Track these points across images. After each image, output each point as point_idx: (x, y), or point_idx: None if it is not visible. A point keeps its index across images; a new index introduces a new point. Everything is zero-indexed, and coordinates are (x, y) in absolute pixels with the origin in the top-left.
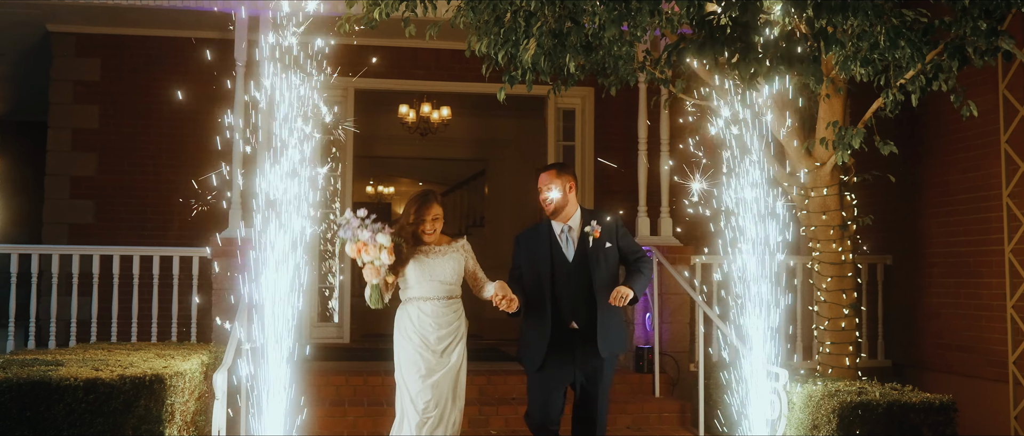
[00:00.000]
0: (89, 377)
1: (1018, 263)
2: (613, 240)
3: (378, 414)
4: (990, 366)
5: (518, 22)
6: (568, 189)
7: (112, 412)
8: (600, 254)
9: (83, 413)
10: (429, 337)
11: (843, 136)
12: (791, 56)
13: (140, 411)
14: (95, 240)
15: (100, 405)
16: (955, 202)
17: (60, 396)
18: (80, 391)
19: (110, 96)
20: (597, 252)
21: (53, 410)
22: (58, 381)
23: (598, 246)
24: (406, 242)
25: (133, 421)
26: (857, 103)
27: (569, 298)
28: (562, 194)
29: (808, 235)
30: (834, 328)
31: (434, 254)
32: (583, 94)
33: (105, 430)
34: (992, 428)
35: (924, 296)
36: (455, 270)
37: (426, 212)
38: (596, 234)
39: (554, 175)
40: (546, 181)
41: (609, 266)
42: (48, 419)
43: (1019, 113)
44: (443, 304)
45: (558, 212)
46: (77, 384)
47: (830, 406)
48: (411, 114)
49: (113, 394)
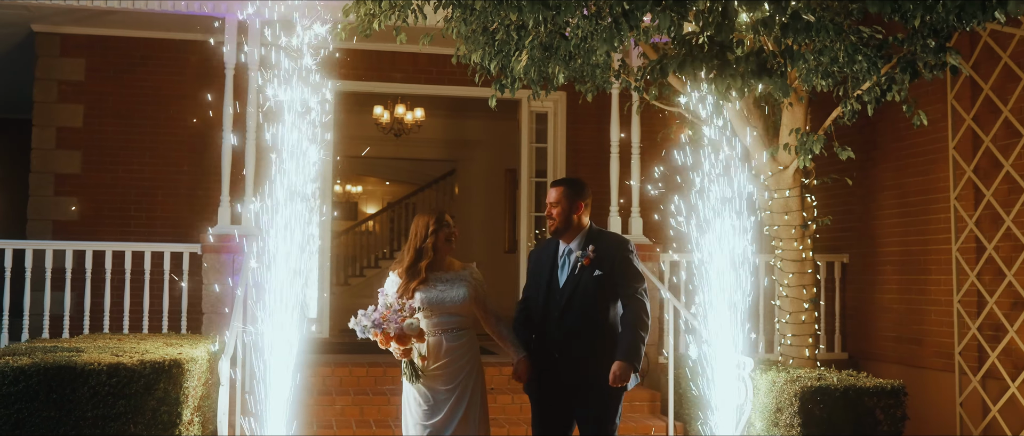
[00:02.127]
0: (111, 361)
1: (964, 261)
2: (607, 268)
3: (365, 402)
4: (938, 357)
5: (511, 35)
6: (575, 209)
7: (133, 394)
8: (588, 282)
9: (106, 395)
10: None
11: (805, 142)
12: (762, 71)
13: (159, 393)
14: (79, 237)
15: (122, 388)
16: (907, 204)
17: (85, 379)
18: (103, 375)
19: (95, 96)
20: (583, 279)
21: (78, 392)
22: (83, 365)
23: (585, 273)
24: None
25: (153, 403)
26: (817, 111)
27: (555, 325)
28: (563, 213)
29: (771, 234)
30: (795, 321)
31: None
32: (556, 98)
33: (127, 411)
34: (940, 414)
35: (878, 292)
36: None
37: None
38: (585, 261)
39: (560, 192)
40: (552, 197)
41: (597, 296)
42: (73, 400)
43: (965, 122)
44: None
45: (560, 232)
46: (101, 368)
47: (792, 391)
48: (385, 115)
49: (134, 377)
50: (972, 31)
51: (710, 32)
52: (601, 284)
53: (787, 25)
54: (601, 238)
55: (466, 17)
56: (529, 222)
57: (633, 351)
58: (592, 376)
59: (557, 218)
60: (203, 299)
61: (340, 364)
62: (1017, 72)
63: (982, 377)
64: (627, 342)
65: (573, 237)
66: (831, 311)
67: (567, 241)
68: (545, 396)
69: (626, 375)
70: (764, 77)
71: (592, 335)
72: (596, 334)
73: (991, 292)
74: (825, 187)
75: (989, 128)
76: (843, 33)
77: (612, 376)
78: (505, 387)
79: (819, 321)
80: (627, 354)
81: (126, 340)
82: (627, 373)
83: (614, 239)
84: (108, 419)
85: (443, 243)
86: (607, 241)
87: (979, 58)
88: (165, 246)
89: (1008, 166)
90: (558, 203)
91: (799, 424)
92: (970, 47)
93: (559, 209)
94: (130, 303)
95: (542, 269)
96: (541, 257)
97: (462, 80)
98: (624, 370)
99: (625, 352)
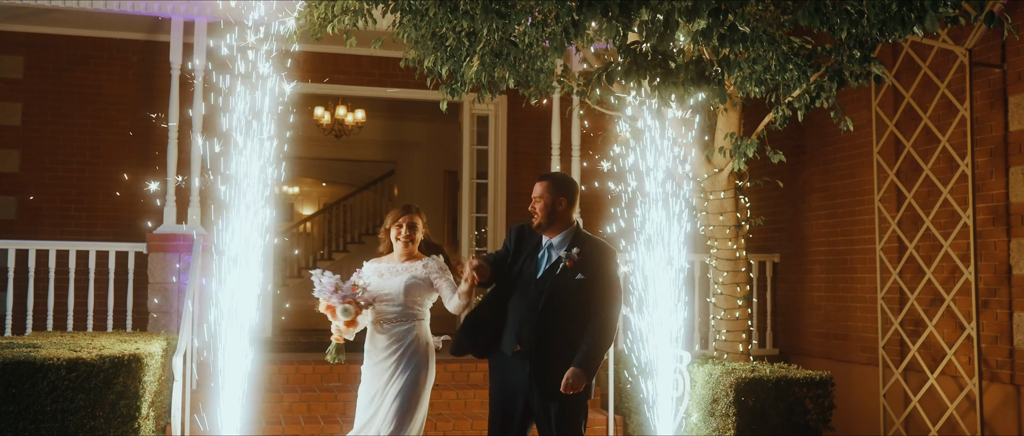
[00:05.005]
0: (70, 357)
1: (887, 260)
2: (589, 273)
3: (312, 399)
4: (863, 352)
5: (462, 41)
6: (557, 204)
7: (93, 389)
8: (566, 284)
9: (66, 389)
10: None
11: (739, 146)
12: (701, 79)
13: (119, 387)
14: (17, 236)
15: (82, 382)
16: (835, 205)
17: (44, 374)
18: (63, 369)
19: (34, 94)
20: (564, 280)
21: (37, 387)
22: (42, 360)
23: (567, 275)
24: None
25: (112, 397)
26: (750, 116)
27: (520, 314)
28: (546, 208)
29: (706, 234)
30: (730, 318)
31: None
32: (498, 101)
33: (86, 405)
34: (864, 406)
35: (807, 290)
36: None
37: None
38: (569, 263)
39: (543, 187)
40: (536, 192)
41: (571, 300)
42: (32, 395)
43: (888, 128)
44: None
45: (543, 227)
46: (60, 363)
47: (727, 382)
48: (326, 117)
49: (94, 372)
50: (895, 43)
51: (653, 41)
52: (581, 288)
53: (725, 36)
54: (587, 242)
55: (417, 22)
56: (470, 223)
57: (591, 361)
58: (557, 380)
59: (539, 213)
60: (149, 298)
61: (287, 362)
62: (936, 82)
63: (903, 370)
64: (589, 350)
65: (556, 233)
66: (763, 308)
67: (550, 236)
68: (504, 393)
69: (578, 384)
70: (703, 84)
71: (563, 339)
72: (566, 340)
73: (912, 289)
74: (758, 189)
75: (910, 134)
76: (776, 43)
77: (565, 381)
78: (450, 383)
79: (752, 318)
80: (585, 362)
81: (79, 337)
82: (580, 381)
83: (599, 245)
84: (68, 413)
85: (403, 238)
86: (592, 246)
87: (901, 68)
88: (110, 245)
89: (927, 170)
90: (541, 197)
91: (734, 414)
92: (893, 58)
93: (541, 204)
94: (74, 302)
95: (523, 248)
96: (524, 236)
97: (406, 83)
98: (578, 378)
99: (583, 360)
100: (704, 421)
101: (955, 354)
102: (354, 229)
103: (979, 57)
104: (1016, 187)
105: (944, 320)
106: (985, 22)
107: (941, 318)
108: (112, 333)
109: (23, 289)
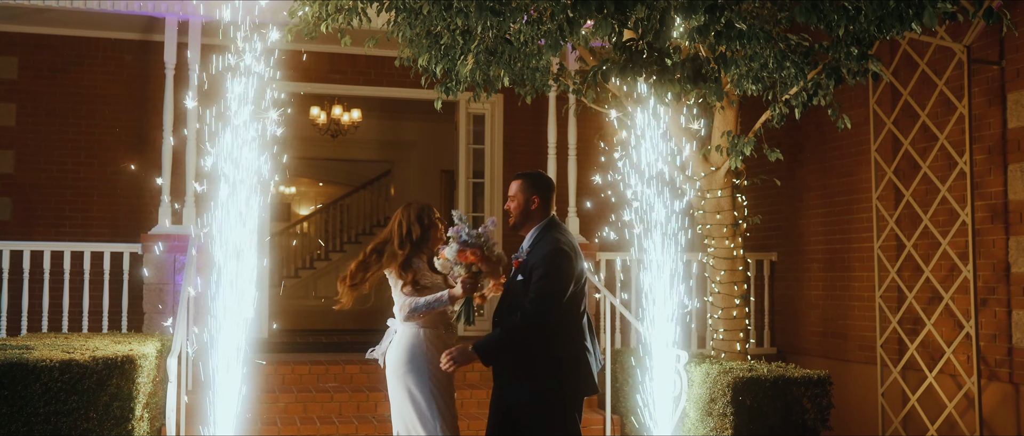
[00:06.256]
0: (64, 358)
1: (885, 258)
2: (525, 275)
3: (308, 400)
4: (861, 350)
5: (457, 40)
6: (530, 203)
7: (86, 390)
8: (512, 286)
9: (59, 391)
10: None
11: (736, 144)
12: (697, 76)
13: (112, 389)
14: (12, 237)
15: (75, 384)
16: (832, 204)
17: (37, 376)
18: (56, 371)
19: (28, 94)
20: (511, 283)
21: (30, 388)
22: (35, 362)
23: (513, 277)
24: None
25: (105, 398)
26: (748, 114)
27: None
28: (520, 207)
29: (704, 233)
30: (727, 317)
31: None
32: (494, 100)
33: (80, 406)
34: (863, 405)
35: (805, 289)
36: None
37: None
38: (515, 264)
39: (517, 186)
40: (511, 191)
41: (518, 303)
42: (25, 396)
43: (886, 126)
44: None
45: (519, 227)
46: (53, 364)
47: (725, 381)
48: (322, 116)
49: (87, 374)
50: (892, 40)
51: (649, 38)
52: (523, 291)
53: (721, 33)
54: (541, 241)
55: (411, 21)
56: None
57: (489, 344)
58: (512, 397)
59: (514, 212)
60: (144, 298)
61: (283, 363)
62: (933, 79)
63: (902, 368)
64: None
65: (528, 233)
66: (760, 307)
67: (524, 235)
68: (491, 406)
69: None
70: (700, 82)
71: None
72: (518, 350)
73: (910, 287)
74: (755, 187)
75: (908, 131)
76: (773, 41)
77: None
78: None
79: (749, 317)
80: (481, 343)
81: (73, 338)
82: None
83: (548, 243)
84: (61, 415)
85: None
86: (542, 244)
87: (899, 65)
88: (105, 246)
89: (925, 167)
90: (515, 197)
91: (732, 413)
92: (890, 55)
93: (515, 203)
94: (69, 303)
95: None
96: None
97: (402, 82)
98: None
99: (481, 341)
100: (701, 420)
101: (954, 353)
102: (350, 229)
103: (977, 54)
104: (1015, 185)
105: (942, 319)
106: (984, 18)
107: (939, 316)
108: (107, 334)
109: (17, 290)
